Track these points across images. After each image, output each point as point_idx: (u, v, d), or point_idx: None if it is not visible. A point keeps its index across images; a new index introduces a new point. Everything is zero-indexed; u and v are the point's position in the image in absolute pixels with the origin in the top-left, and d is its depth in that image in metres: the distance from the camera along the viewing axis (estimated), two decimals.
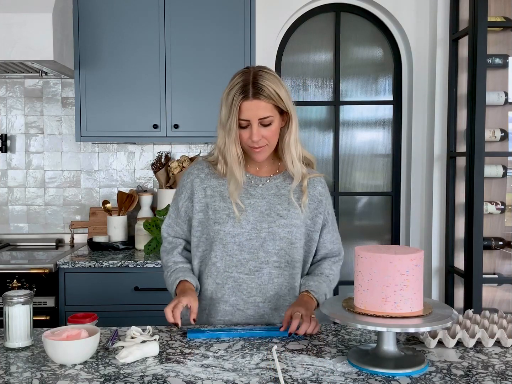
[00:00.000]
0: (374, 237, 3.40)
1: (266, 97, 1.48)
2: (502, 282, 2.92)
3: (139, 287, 2.58)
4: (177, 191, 1.69)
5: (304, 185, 1.61)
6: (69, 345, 1.25)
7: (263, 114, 1.48)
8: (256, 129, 1.49)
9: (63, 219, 3.18)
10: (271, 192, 1.61)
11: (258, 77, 1.49)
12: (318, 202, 1.65)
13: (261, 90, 1.47)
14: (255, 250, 1.58)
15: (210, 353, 1.34)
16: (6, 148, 3.14)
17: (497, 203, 2.88)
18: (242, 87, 1.48)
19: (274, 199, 1.60)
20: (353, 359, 1.27)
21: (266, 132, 1.51)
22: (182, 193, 1.65)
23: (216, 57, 2.80)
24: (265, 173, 1.64)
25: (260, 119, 1.49)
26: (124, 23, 2.79)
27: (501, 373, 1.21)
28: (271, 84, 1.49)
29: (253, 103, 1.47)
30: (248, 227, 1.57)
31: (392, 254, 1.22)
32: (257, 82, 1.48)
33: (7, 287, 2.45)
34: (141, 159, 3.20)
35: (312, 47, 3.30)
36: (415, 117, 3.20)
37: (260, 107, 1.48)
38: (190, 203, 1.63)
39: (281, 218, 1.58)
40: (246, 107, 1.48)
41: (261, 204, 1.59)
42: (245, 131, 1.51)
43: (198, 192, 1.61)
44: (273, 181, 1.63)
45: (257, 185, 1.61)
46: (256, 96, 1.47)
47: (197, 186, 1.62)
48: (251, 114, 1.48)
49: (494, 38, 2.86)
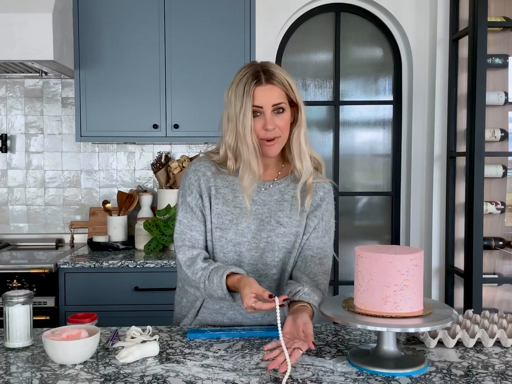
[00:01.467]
0: (374, 237, 3.40)
1: (279, 82, 1.44)
2: (502, 282, 2.92)
3: (139, 287, 2.58)
4: (184, 192, 1.56)
5: (309, 183, 1.52)
6: (69, 345, 1.25)
7: (276, 100, 1.43)
8: (270, 116, 1.43)
9: (63, 219, 3.18)
10: (274, 198, 1.54)
11: (267, 65, 1.47)
12: (316, 206, 1.56)
13: (273, 75, 1.43)
14: (255, 262, 1.52)
15: (210, 353, 1.34)
16: (6, 148, 3.14)
17: (497, 203, 2.88)
18: (253, 74, 1.43)
19: (276, 205, 1.53)
20: (353, 359, 1.27)
21: (279, 121, 1.44)
22: (192, 192, 1.53)
23: (216, 57, 2.80)
24: (268, 176, 1.56)
25: (274, 105, 1.43)
26: (124, 23, 2.79)
27: (501, 373, 1.21)
28: (281, 72, 1.45)
29: (267, 87, 1.43)
30: (249, 236, 1.51)
31: (392, 254, 1.22)
32: (268, 69, 1.44)
33: (7, 287, 2.45)
34: (141, 159, 3.20)
35: (312, 47, 3.30)
36: (415, 117, 3.20)
37: (274, 92, 1.43)
38: (201, 202, 1.52)
39: (281, 227, 1.51)
40: (260, 93, 1.42)
41: (263, 212, 1.52)
42: (258, 120, 1.44)
43: (205, 191, 1.53)
44: (276, 185, 1.55)
45: (259, 190, 1.54)
46: (269, 81, 1.43)
47: (205, 184, 1.53)
48: (265, 99, 1.42)
49: (494, 38, 2.86)
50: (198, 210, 1.53)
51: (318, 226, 1.56)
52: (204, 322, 1.60)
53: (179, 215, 1.55)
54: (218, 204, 1.52)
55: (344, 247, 3.35)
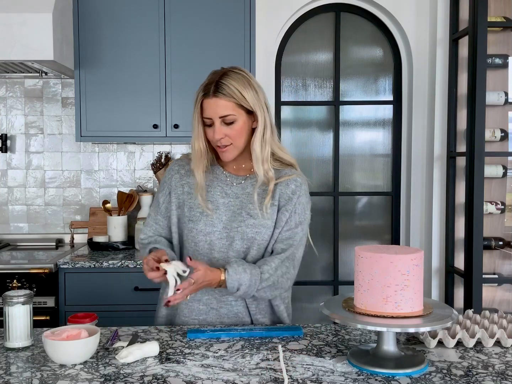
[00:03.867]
0: (374, 237, 3.40)
1: (225, 95, 1.50)
2: (502, 282, 2.92)
3: (139, 287, 2.58)
4: (159, 188, 1.72)
5: (269, 188, 1.57)
6: (69, 345, 1.25)
7: (222, 112, 1.51)
8: (218, 127, 1.52)
9: (63, 219, 3.18)
10: (246, 191, 1.61)
11: (224, 76, 1.53)
12: (287, 199, 1.59)
13: (221, 89, 1.50)
14: (225, 250, 1.58)
15: (210, 353, 1.34)
16: (6, 148, 3.14)
17: (497, 203, 2.88)
18: (205, 86, 1.53)
19: (248, 198, 1.60)
20: (353, 359, 1.27)
21: (229, 131, 1.53)
22: (164, 189, 1.67)
23: (216, 57, 2.80)
24: (242, 171, 1.65)
25: (221, 117, 1.51)
26: (124, 23, 2.79)
27: (501, 373, 1.21)
28: (234, 83, 1.51)
29: (212, 100, 1.51)
30: (219, 226, 1.58)
31: (393, 254, 1.22)
32: (220, 81, 1.51)
33: (7, 287, 2.45)
34: (141, 159, 3.20)
35: (312, 47, 3.30)
36: (415, 117, 3.20)
37: (219, 105, 1.51)
38: (169, 198, 1.65)
39: (251, 218, 1.57)
40: (207, 105, 1.52)
41: (234, 204, 1.60)
42: (210, 129, 1.55)
43: (176, 188, 1.64)
44: (249, 180, 1.63)
45: (232, 184, 1.63)
46: (215, 94, 1.51)
47: (176, 182, 1.65)
48: (211, 111, 1.51)
49: (494, 38, 2.86)
50: (164, 206, 1.67)
51: (290, 220, 1.60)
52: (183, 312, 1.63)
53: (150, 209, 1.74)
54: (192, 198, 1.62)
55: (344, 247, 3.35)
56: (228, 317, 1.61)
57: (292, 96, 3.31)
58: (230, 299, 1.60)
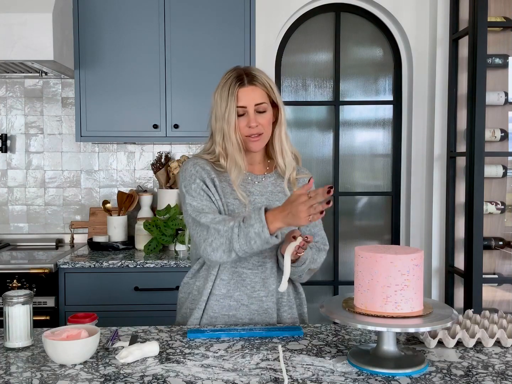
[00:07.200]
0: (374, 237, 3.40)
1: (260, 84, 1.58)
2: (502, 282, 2.92)
3: (139, 287, 2.58)
4: (187, 182, 1.59)
5: (293, 177, 1.66)
6: (69, 345, 1.25)
7: (259, 100, 1.56)
8: (253, 114, 1.56)
9: (63, 219, 3.18)
10: (268, 189, 1.65)
11: (249, 69, 1.61)
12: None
13: (255, 77, 1.58)
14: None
15: (210, 353, 1.34)
16: (6, 148, 3.14)
17: (497, 203, 2.88)
18: (236, 77, 1.57)
19: (272, 196, 1.65)
20: (353, 359, 1.27)
21: (262, 120, 1.57)
22: (196, 180, 1.57)
23: (216, 57, 2.80)
24: (258, 171, 1.68)
25: (256, 105, 1.56)
26: (124, 23, 2.79)
27: (501, 373, 1.21)
28: (263, 76, 1.60)
29: (249, 88, 1.56)
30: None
31: (393, 254, 1.22)
32: (250, 72, 1.59)
33: (7, 287, 2.45)
34: (141, 159, 3.20)
35: (312, 47, 3.30)
36: (415, 117, 3.20)
37: (256, 92, 1.57)
38: (207, 186, 1.57)
39: None
40: (243, 94, 1.55)
41: (261, 201, 1.62)
42: (242, 119, 1.57)
43: (208, 179, 1.57)
44: (268, 179, 1.67)
45: (253, 182, 1.65)
46: (251, 83, 1.57)
47: (206, 174, 1.58)
48: (248, 99, 1.55)
49: (494, 38, 2.86)
50: (205, 193, 1.57)
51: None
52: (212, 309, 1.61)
53: (187, 202, 1.56)
54: (220, 196, 1.60)
55: (344, 247, 3.35)
56: (258, 313, 1.61)
57: (292, 96, 3.31)
58: (262, 295, 1.61)
